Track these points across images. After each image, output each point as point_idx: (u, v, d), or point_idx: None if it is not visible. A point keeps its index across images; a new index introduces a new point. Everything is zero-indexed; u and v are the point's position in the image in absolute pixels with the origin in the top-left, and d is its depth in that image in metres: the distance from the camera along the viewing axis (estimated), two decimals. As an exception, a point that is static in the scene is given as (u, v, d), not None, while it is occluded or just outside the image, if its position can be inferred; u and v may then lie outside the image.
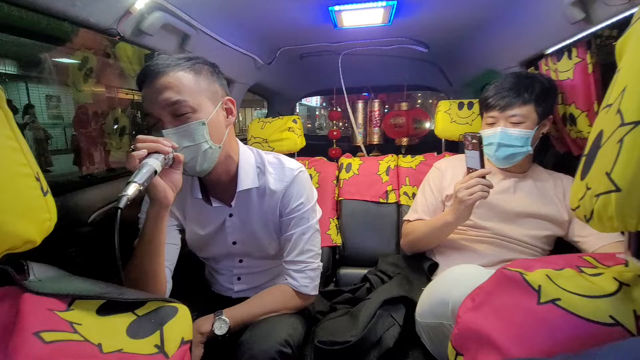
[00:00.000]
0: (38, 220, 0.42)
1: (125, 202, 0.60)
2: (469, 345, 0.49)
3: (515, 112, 1.04)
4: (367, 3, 1.20)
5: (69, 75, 1.48)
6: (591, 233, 1.00)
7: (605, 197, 0.38)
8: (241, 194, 0.92)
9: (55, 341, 0.39)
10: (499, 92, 1.07)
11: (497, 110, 1.07)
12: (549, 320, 0.41)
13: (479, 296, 0.51)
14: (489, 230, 1.11)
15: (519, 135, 1.04)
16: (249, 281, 1.05)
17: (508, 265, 0.50)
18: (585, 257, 0.48)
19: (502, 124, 1.06)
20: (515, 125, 1.04)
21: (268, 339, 0.79)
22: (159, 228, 0.75)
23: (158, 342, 0.47)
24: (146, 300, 0.52)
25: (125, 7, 0.90)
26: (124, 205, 0.60)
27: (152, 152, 0.69)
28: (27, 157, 0.42)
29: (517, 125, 1.04)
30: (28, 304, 0.42)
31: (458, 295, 0.70)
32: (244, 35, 1.43)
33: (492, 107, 1.08)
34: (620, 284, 0.41)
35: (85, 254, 0.95)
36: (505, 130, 1.05)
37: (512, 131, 1.04)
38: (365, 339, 0.90)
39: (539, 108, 1.04)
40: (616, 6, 0.83)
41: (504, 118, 1.06)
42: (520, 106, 1.03)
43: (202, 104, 0.79)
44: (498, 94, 1.07)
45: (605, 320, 0.39)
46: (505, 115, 1.06)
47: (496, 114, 1.07)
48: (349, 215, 1.54)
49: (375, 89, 2.60)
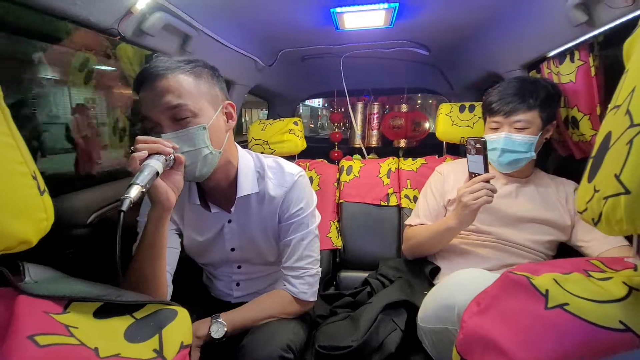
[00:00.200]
0: (34, 220, 0.41)
1: (128, 205, 0.59)
2: (474, 350, 0.48)
3: (520, 118, 1.03)
4: (369, 5, 1.20)
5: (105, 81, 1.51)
6: (594, 238, 1.00)
7: (614, 199, 0.38)
8: (240, 199, 0.90)
9: (49, 345, 0.38)
10: (503, 98, 1.06)
11: (502, 116, 1.05)
12: (557, 325, 0.40)
13: (485, 300, 0.50)
14: (491, 234, 1.10)
15: (523, 141, 1.03)
16: (248, 287, 1.03)
17: (514, 269, 0.49)
18: (593, 261, 0.47)
19: (506, 129, 1.05)
20: (520, 130, 1.04)
21: (269, 344, 0.78)
22: (160, 231, 0.73)
23: (157, 347, 0.46)
24: (145, 303, 0.51)
25: (127, 7, 0.90)
26: (126, 208, 0.59)
27: (153, 153, 0.67)
28: (23, 155, 0.41)
29: (521, 130, 1.03)
30: (23, 306, 0.41)
31: (464, 300, 0.68)
32: (245, 36, 1.43)
33: (497, 112, 1.07)
34: (630, 289, 0.40)
35: (83, 255, 0.94)
36: (510, 136, 1.04)
37: (517, 137, 1.03)
38: (367, 343, 0.89)
39: (543, 114, 1.03)
40: (620, 8, 0.82)
41: (508, 124, 1.05)
42: (525, 112, 1.03)
43: (202, 108, 0.77)
44: (502, 99, 1.06)
45: (615, 325, 0.38)
46: (509, 121, 1.05)
47: (500, 119, 1.06)
48: (350, 218, 1.53)
49: (376, 91, 2.61)
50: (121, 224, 0.59)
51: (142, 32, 0.97)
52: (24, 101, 1.15)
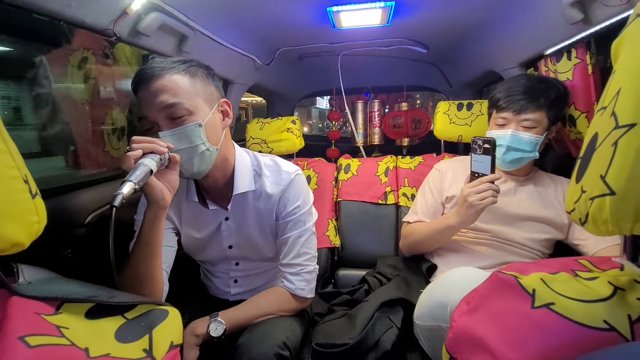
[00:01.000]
0: (26, 223, 0.42)
1: (121, 201, 0.61)
2: (463, 349, 0.49)
3: (529, 117, 1.02)
4: (366, 4, 1.20)
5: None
6: (590, 236, 1.00)
7: (600, 200, 0.38)
8: (237, 197, 0.91)
9: (40, 345, 0.38)
10: (512, 95, 1.05)
11: (511, 113, 1.04)
12: (543, 324, 0.40)
13: (474, 300, 0.50)
14: (488, 232, 1.10)
15: (529, 140, 1.03)
16: (246, 284, 1.04)
17: (503, 269, 0.49)
18: (581, 260, 0.47)
19: (513, 126, 1.04)
20: (527, 129, 1.03)
21: (266, 342, 0.78)
22: (156, 230, 0.75)
23: (147, 347, 0.46)
24: (136, 304, 0.52)
25: (122, 7, 0.90)
26: (119, 204, 0.60)
27: (148, 153, 0.69)
28: (15, 159, 0.41)
29: (528, 129, 1.03)
30: (15, 307, 0.41)
31: (456, 298, 0.68)
32: (242, 35, 1.43)
33: (505, 109, 1.06)
34: (615, 288, 0.40)
35: (81, 255, 0.95)
36: (516, 134, 1.03)
37: (523, 135, 1.03)
38: (363, 341, 0.90)
39: (551, 114, 1.03)
40: (615, 7, 0.82)
41: (516, 121, 1.04)
42: (534, 111, 1.02)
43: (198, 106, 0.79)
44: (512, 96, 1.04)
45: (599, 325, 0.38)
46: (518, 119, 1.04)
47: (509, 115, 1.05)
48: (348, 217, 1.54)
49: (375, 89, 2.59)
50: (113, 219, 0.60)
51: (138, 32, 0.97)
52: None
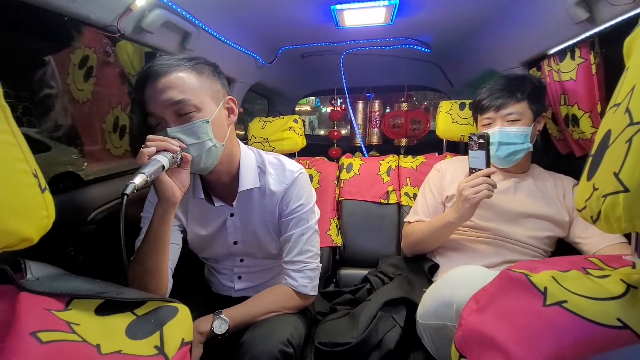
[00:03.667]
0: (35, 218, 0.42)
1: (132, 190, 0.63)
2: (472, 347, 0.49)
3: (511, 110, 1.06)
4: (369, 2, 1.20)
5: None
6: (592, 234, 1.00)
7: (613, 197, 0.38)
8: (242, 193, 0.92)
9: (52, 341, 0.38)
10: (492, 94, 1.10)
11: (493, 111, 1.09)
12: (555, 323, 0.40)
13: (483, 298, 0.50)
14: (490, 231, 1.10)
15: (518, 133, 1.05)
16: (250, 280, 1.05)
17: (513, 267, 0.49)
18: (591, 258, 0.47)
19: (499, 123, 1.08)
20: (512, 123, 1.06)
21: (270, 339, 0.79)
22: (165, 226, 0.77)
23: (158, 343, 0.46)
24: (145, 300, 0.52)
25: (126, 4, 0.90)
26: (130, 192, 0.63)
27: (161, 150, 0.71)
28: (24, 153, 0.41)
29: (514, 123, 1.06)
30: (25, 303, 0.41)
31: (462, 296, 0.69)
32: (245, 34, 1.43)
33: (487, 108, 1.10)
34: (628, 286, 0.40)
35: (86, 252, 0.95)
36: (503, 129, 1.07)
37: (510, 129, 1.06)
38: (366, 340, 0.89)
39: (532, 105, 1.06)
40: (621, 6, 0.82)
41: (500, 117, 1.08)
42: (515, 104, 1.06)
43: (204, 102, 0.80)
44: (491, 95, 1.10)
45: (613, 323, 0.38)
46: (501, 115, 1.08)
47: (492, 114, 1.10)
48: (350, 216, 1.53)
49: (376, 89, 2.60)
50: (124, 207, 0.62)
51: (142, 29, 0.97)
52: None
